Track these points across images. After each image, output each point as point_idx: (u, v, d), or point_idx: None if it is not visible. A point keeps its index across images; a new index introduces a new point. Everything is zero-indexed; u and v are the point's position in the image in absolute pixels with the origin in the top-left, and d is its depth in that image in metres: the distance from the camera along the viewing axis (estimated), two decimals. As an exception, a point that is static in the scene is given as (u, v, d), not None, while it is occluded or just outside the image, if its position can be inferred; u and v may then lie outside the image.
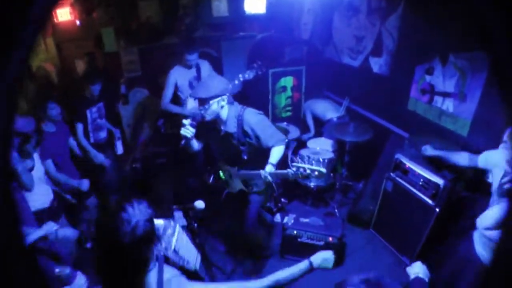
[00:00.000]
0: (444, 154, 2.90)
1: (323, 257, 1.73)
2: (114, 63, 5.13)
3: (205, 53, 4.44)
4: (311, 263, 1.69)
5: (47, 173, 3.07)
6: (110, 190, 4.12)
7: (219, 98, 2.57)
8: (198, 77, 3.97)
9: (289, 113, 5.22)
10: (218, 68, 4.87)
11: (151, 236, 1.35)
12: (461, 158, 2.69)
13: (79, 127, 3.71)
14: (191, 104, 3.76)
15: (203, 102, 2.55)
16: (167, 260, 1.57)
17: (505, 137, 2.41)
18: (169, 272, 1.46)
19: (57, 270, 2.01)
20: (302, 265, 1.68)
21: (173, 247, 2.23)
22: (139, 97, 5.12)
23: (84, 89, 3.76)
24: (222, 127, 2.76)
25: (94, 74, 3.89)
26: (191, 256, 2.26)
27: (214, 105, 2.57)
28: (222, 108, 2.64)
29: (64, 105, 3.35)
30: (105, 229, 1.31)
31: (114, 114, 4.54)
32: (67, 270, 2.01)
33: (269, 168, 2.66)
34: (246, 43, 5.42)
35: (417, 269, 1.92)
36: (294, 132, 4.60)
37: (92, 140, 3.89)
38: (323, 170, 2.51)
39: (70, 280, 1.95)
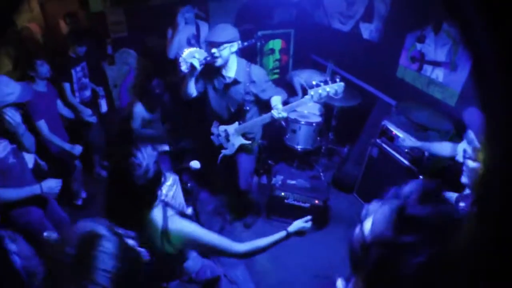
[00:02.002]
0: (424, 145, 2.87)
1: (299, 226, 1.93)
2: (100, 23, 4.92)
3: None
4: (287, 233, 1.89)
5: (39, 134, 3.00)
6: (97, 146, 4.10)
7: (230, 45, 2.70)
8: (198, 37, 3.97)
9: (276, 76, 5.18)
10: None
11: (160, 176, 1.52)
12: (443, 149, 2.68)
13: (66, 86, 3.68)
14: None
15: (216, 46, 2.67)
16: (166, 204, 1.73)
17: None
18: (169, 210, 1.66)
19: (45, 234, 1.99)
20: (279, 235, 1.87)
21: (171, 195, 2.31)
22: (125, 58, 5.06)
23: (69, 49, 3.73)
24: (229, 75, 2.86)
25: (80, 34, 3.83)
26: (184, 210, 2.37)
27: (225, 50, 2.70)
28: (232, 55, 2.78)
29: (50, 65, 3.26)
30: (120, 173, 1.45)
31: (99, 73, 4.45)
32: (54, 235, 2.00)
33: (278, 107, 2.76)
34: (234, 3, 5.23)
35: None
36: (282, 95, 4.57)
37: (78, 100, 3.84)
38: (341, 84, 2.65)
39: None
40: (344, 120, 4.15)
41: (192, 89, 2.90)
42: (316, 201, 3.52)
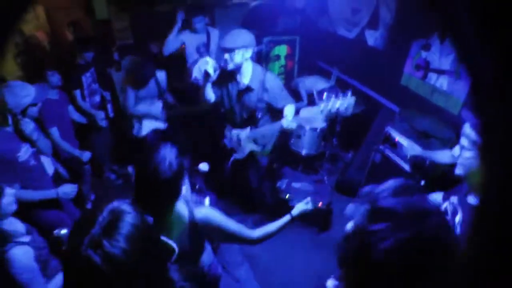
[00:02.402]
0: (426, 153, 2.94)
1: (301, 209, 2.10)
2: (105, 31, 5.01)
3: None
4: (292, 216, 2.06)
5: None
6: (106, 151, 4.17)
7: (243, 51, 2.71)
8: (208, 44, 4.02)
9: (282, 82, 5.24)
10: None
11: (183, 169, 1.59)
12: (444, 156, 2.73)
13: (77, 93, 3.77)
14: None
15: (229, 51, 2.70)
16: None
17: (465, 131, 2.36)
18: (191, 203, 1.76)
19: (55, 231, 2.06)
20: (285, 219, 2.04)
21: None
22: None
23: (77, 56, 3.81)
24: (243, 81, 2.88)
25: (85, 40, 3.91)
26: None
27: (238, 55, 2.71)
28: (246, 61, 2.79)
29: (60, 73, 3.36)
30: (145, 169, 1.52)
31: (106, 79, 4.51)
32: (65, 231, 2.06)
33: (289, 118, 2.81)
34: (240, 10, 5.32)
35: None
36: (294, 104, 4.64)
37: (88, 105, 3.94)
38: (352, 100, 2.65)
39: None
40: (348, 126, 4.20)
41: (210, 94, 2.95)
42: (320, 204, 3.58)
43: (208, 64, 2.75)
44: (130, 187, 1.90)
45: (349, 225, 1.06)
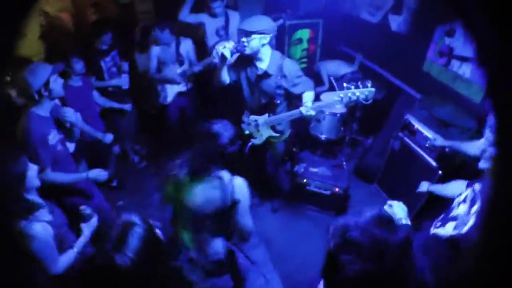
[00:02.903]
0: (454, 144, 2.90)
1: None
2: (129, 13, 5.07)
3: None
4: None
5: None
6: (130, 133, 4.35)
7: (261, 36, 2.73)
8: (226, 27, 4.07)
9: (304, 65, 5.24)
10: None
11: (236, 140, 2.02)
12: (471, 148, 2.67)
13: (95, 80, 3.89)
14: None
15: (247, 35, 2.72)
16: None
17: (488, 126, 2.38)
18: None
19: (81, 207, 2.25)
20: None
21: None
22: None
23: (95, 41, 3.86)
24: (261, 67, 2.91)
25: (102, 24, 3.94)
26: None
27: (255, 40, 2.73)
28: (263, 47, 2.81)
29: (82, 57, 3.45)
30: (207, 142, 1.94)
31: (129, 62, 4.56)
32: (88, 210, 2.25)
33: (308, 105, 2.84)
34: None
35: (398, 209, 1.88)
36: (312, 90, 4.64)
37: (110, 89, 4.02)
38: (372, 89, 2.63)
39: (88, 219, 2.22)
40: (369, 111, 4.20)
41: (225, 76, 2.97)
42: (337, 189, 3.66)
43: (226, 47, 2.73)
44: (153, 170, 2.14)
45: (329, 243, 1.24)
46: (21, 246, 1.79)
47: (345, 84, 2.71)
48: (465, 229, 1.94)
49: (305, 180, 3.75)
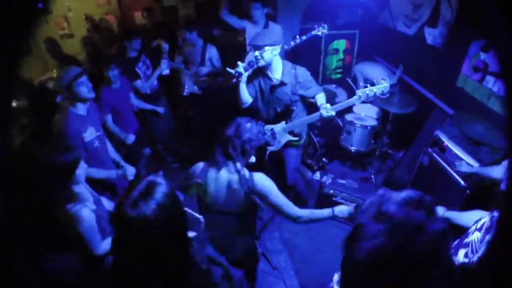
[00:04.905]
0: (478, 171, 2.83)
1: (343, 211, 2.28)
2: (172, 17, 5.35)
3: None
4: (333, 212, 2.27)
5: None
6: (162, 135, 4.57)
7: (272, 48, 2.90)
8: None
9: (339, 75, 5.29)
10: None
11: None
12: (496, 172, 2.60)
13: (137, 83, 4.14)
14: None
15: (258, 48, 2.89)
16: None
17: None
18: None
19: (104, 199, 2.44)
20: (327, 211, 2.28)
21: None
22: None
23: (126, 51, 4.11)
24: (275, 77, 3.07)
25: (130, 32, 4.18)
26: None
27: (267, 52, 2.90)
28: (275, 57, 2.98)
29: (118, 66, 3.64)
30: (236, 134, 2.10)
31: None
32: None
33: (327, 106, 2.98)
34: (302, 1, 5.38)
35: None
36: (342, 96, 4.66)
37: (148, 91, 4.26)
38: (387, 84, 2.77)
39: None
40: (400, 125, 4.18)
41: (246, 96, 3.12)
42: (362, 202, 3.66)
43: (239, 65, 2.92)
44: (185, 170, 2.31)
45: (360, 217, 1.11)
46: (72, 227, 2.04)
47: (361, 83, 2.81)
48: (475, 257, 1.92)
49: (331, 191, 3.80)
